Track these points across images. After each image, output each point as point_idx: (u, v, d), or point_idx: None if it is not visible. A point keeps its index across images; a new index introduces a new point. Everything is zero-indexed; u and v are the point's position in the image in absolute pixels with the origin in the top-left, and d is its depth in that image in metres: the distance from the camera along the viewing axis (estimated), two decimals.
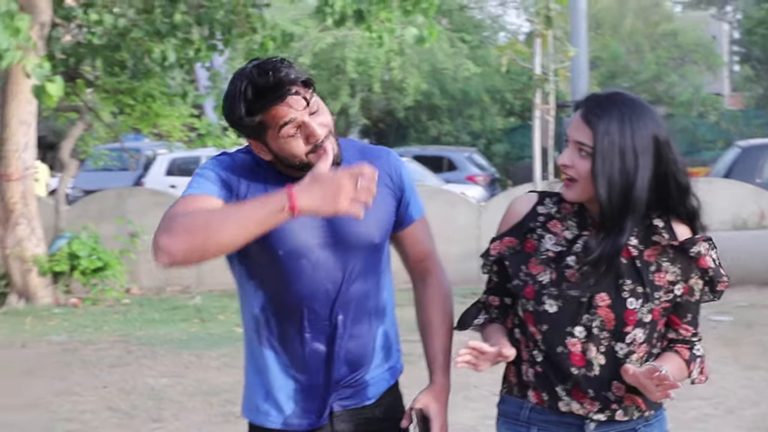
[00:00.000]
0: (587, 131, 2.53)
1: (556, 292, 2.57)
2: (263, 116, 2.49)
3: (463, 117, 27.22)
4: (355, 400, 2.69)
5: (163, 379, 7.95)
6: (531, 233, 2.65)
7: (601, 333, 2.56)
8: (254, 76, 2.49)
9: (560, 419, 2.65)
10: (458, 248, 13.00)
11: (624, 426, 2.65)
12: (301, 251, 2.57)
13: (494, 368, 8.29)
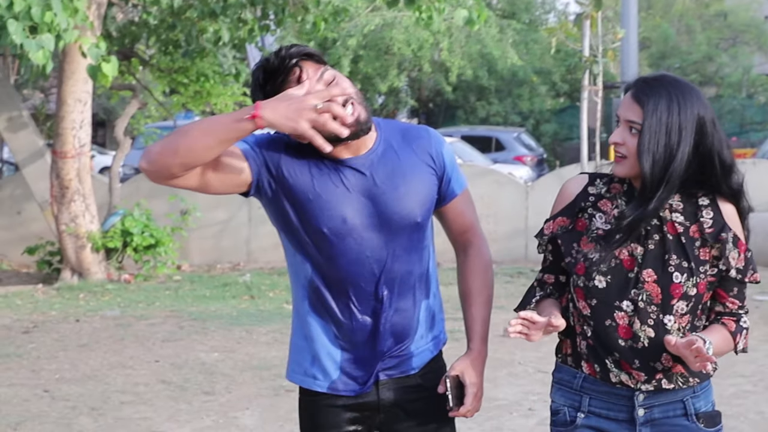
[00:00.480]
0: (637, 110, 2.67)
1: (605, 268, 2.70)
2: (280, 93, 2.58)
3: (512, 97, 27.17)
4: (399, 370, 2.80)
5: (215, 353, 8.14)
6: (582, 212, 2.79)
7: (648, 307, 2.68)
8: (264, 62, 2.66)
9: (611, 390, 2.77)
10: (506, 228, 13.08)
11: (672, 396, 2.77)
12: (346, 230, 2.68)
13: (538, 346, 8.38)
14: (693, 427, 2.78)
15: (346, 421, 2.79)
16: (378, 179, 2.71)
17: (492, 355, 8.23)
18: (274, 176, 2.67)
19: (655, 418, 2.78)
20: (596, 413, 2.81)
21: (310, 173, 2.67)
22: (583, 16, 11.60)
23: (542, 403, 6.58)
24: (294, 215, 2.68)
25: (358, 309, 2.73)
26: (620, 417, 2.79)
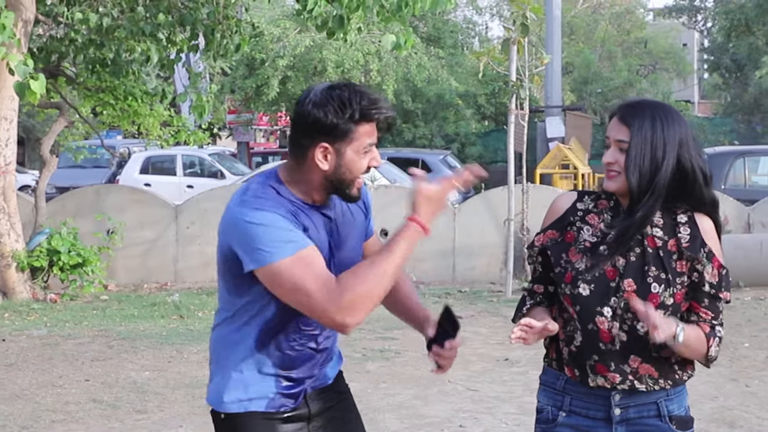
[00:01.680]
0: (625, 130, 2.95)
1: (589, 277, 2.95)
2: (360, 126, 2.80)
3: (438, 120, 27.44)
4: (320, 381, 3.05)
5: (146, 372, 8.12)
6: (571, 226, 3.05)
7: (625, 314, 2.92)
8: (366, 91, 2.83)
9: (590, 391, 3.02)
10: (433, 248, 13.21)
11: (645, 399, 3.00)
12: None
13: (467, 365, 8.49)
14: (665, 428, 3.01)
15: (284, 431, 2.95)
16: (340, 228, 2.96)
17: (422, 373, 8.36)
18: None
19: (630, 418, 3.01)
20: (576, 412, 3.05)
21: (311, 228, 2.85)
22: (510, 41, 11.82)
23: (472, 420, 6.71)
24: None
25: (306, 341, 2.95)
26: (598, 416, 3.02)
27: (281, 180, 2.87)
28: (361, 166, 2.84)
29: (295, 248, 2.72)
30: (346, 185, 2.86)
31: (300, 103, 2.83)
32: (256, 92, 25.36)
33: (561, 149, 19.21)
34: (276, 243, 2.72)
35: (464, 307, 11.15)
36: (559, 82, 23.12)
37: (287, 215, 2.78)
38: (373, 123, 2.82)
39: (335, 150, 2.81)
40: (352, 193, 2.88)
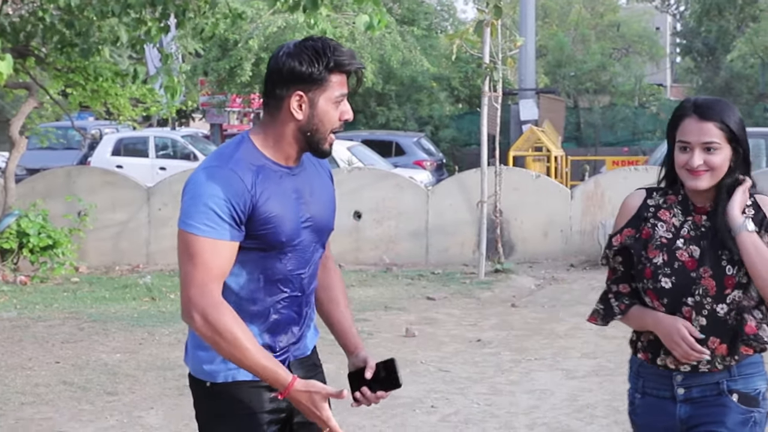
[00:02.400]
0: (712, 128, 3.05)
1: (669, 270, 3.10)
2: (332, 76, 2.85)
3: (412, 102, 27.39)
4: (301, 351, 3.07)
5: (117, 354, 8.07)
6: (645, 222, 3.19)
7: (704, 299, 3.08)
8: (337, 42, 2.90)
9: (657, 372, 3.19)
10: (407, 231, 13.22)
11: (708, 379, 3.14)
12: (293, 239, 2.92)
13: (439, 346, 8.50)
14: (727, 401, 3.14)
15: (268, 399, 2.94)
16: (311, 187, 2.99)
17: (394, 354, 8.35)
18: (252, 215, 2.83)
19: (693, 397, 3.15)
20: (648, 393, 3.24)
21: (273, 191, 2.86)
22: (484, 23, 11.79)
23: (444, 401, 6.72)
24: (259, 231, 2.85)
25: (289, 305, 2.96)
26: (666, 395, 3.19)
27: (251, 140, 2.91)
28: (333, 117, 2.88)
29: (211, 233, 2.77)
30: (319, 137, 2.89)
31: (274, 57, 2.89)
32: (229, 74, 25.20)
33: (534, 132, 19.25)
34: (200, 218, 2.77)
35: (437, 288, 11.16)
36: (532, 65, 23.12)
37: (237, 191, 2.79)
38: (344, 75, 2.88)
39: (309, 99, 2.85)
40: (324, 147, 2.91)
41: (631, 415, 3.33)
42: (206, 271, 2.76)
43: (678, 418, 3.17)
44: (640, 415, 3.28)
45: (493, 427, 6.21)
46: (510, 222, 13.18)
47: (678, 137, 3.09)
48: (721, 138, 3.04)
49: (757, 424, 3.14)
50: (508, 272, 12.03)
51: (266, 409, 2.93)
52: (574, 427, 6.19)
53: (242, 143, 2.90)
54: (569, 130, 27.01)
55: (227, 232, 2.77)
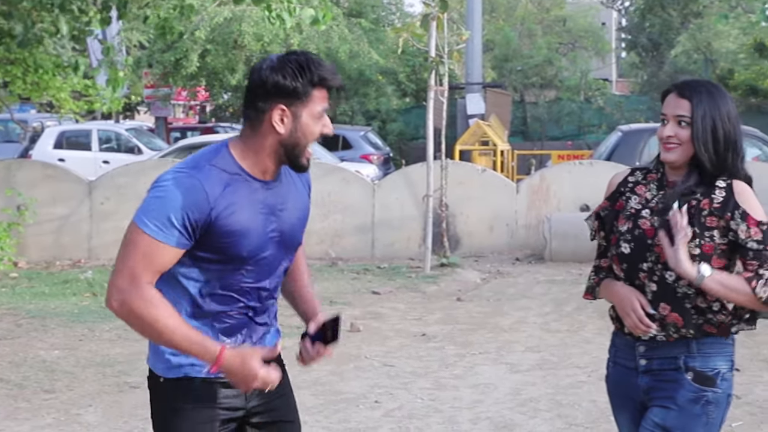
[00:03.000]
0: (686, 104, 3.18)
1: (629, 237, 3.24)
2: (315, 90, 2.88)
3: (359, 96, 27.32)
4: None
5: (55, 351, 7.93)
6: (621, 196, 3.35)
7: (655, 266, 3.19)
8: (320, 58, 2.93)
9: (625, 342, 3.31)
10: (353, 225, 13.16)
11: (668, 352, 3.22)
12: (258, 253, 2.93)
13: (384, 341, 8.41)
14: (680, 378, 3.20)
15: (222, 397, 2.98)
16: (284, 200, 3.00)
17: (339, 349, 8.29)
18: (210, 228, 2.84)
19: (653, 369, 3.24)
20: (619, 363, 3.36)
21: (242, 206, 2.87)
22: (430, 17, 11.75)
23: (388, 396, 6.67)
24: (219, 244, 2.86)
25: (244, 312, 2.98)
26: (630, 365, 3.30)
27: (229, 149, 2.92)
28: (314, 131, 2.91)
29: (164, 237, 2.79)
30: (299, 151, 2.91)
31: (255, 71, 2.90)
32: (174, 66, 24.94)
33: (480, 126, 19.26)
34: (155, 216, 2.79)
35: (383, 282, 11.12)
36: (479, 60, 23.13)
37: (197, 201, 2.80)
38: (326, 90, 2.91)
39: (292, 113, 2.87)
40: (302, 161, 2.93)
41: (606, 383, 3.46)
42: (142, 264, 2.78)
43: (640, 388, 3.27)
44: (611, 383, 3.41)
45: (436, 421, 6.17)
46: (456, 216, 13.17)
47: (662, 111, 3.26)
48: (691, 113, 3.16)
49: (711, 403, 3.19)
50: (453, 266, 12.02)
51: (220, 405, 2.96)
52: (518, 420, 6.18)
53: (219, 152, 2.91)
54: (515, 125, 27.10)
55: (174, 239, 2.80)
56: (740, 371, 7.12)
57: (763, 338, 8.19)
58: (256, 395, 3.03)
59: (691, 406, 3.18)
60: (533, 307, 9.81)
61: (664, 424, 3.20)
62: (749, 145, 16.55)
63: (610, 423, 6.03)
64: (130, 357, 7.64)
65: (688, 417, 3.19)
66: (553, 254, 12.29)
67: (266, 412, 3.07)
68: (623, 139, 15.51)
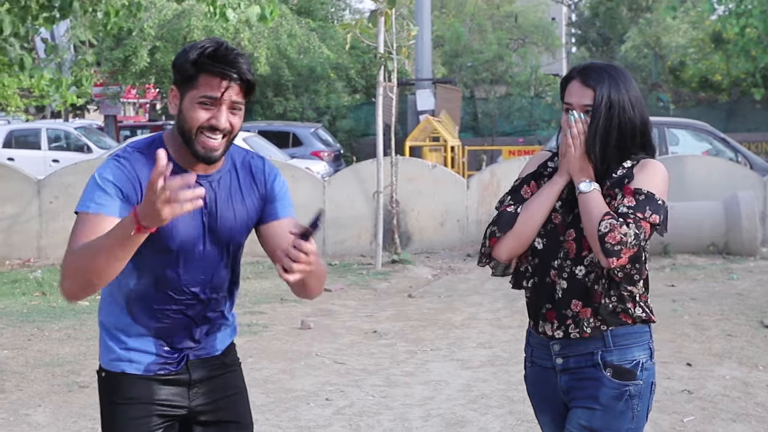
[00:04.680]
0: (590, 93, 3.07)
1: (542, 231, 3.14)
2: (200, 75, 2.81)
3: (309, 93, 27.27)
4: (206, 351, 3.07)
5: (4, 351, 7.86)
6: (539, 179, 3.24)
7: (564, 262, 3.12)
8: (221, 46, 2.83)
9: (541, 341, 3.23)
10: (303, 221, 13.14)
11: (583, 349, 3.14)
12: (187, 249, 2.91)
13: (335, 338, 8.43)
14: (599, 375, 3.11)
15: (160, 394, 2.98)
16: (219, 198, 2.95)
17: (289, 347, 8.33)
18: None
19: (570, 367, 3.15)
20: (537, 363, 3.27)
21: None
22: (378, 12, 11.79)
23: (338, 393, 6.69)
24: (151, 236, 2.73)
25: (181, 310, 2.96)
26: (547, 365, 3.22)
27: (164, 139, 2.92)
28: (195, 116, 2.81)
29: (95, 209, 2.78)
30: (187, 137, 2.84)
31: None
32: (123, 63, 24.76)
33: (431, 122, 19.33)
34: (88, 196, 2.81)
35: (334, 280, 11.14)
36: (429, 55, 23.21)
37: (121, 181, 2.80)
38: (216, 77, 2.80)
39: (180, 94, 2.86)
40: (196, 148, 2.84)
41: (525, 383, 3.36)
42: (83, 237, 2.73)
43: (560, 388, 3.19)
44: (530, 384, 3.32)
45: (387, 419, 6.20)
46: (407, 212, 13.23)
47: (564, 99, 3.14)
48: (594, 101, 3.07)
49: (633, 397, 3.11)
50: (405, 263, 12.07)
51: (157, 401, 2.96)
52: (469, 417, 6.22)
53: (153, 142, 2.92)
54: (466, 120, 27.21)
55: (116, 208, 2.78)
56: (692, 366, 7.25)
57: (713, 332, 8.32)
58: (201, 394, 3.03)
59: (615, 404, 3.10)
60: (485, 303, 9.88)
61: (590, 426, 3.12)
62: (699, 139, 16.80)
63: None
64: (80, 357, 7.60)
65: (613, 415, 3.10)
66: None
67: (212, 412, 3.07)
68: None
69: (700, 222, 12.44)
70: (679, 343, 8.00)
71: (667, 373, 7.03)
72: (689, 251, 12.34)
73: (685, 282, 10.77)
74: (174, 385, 2.99)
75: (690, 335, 8.27)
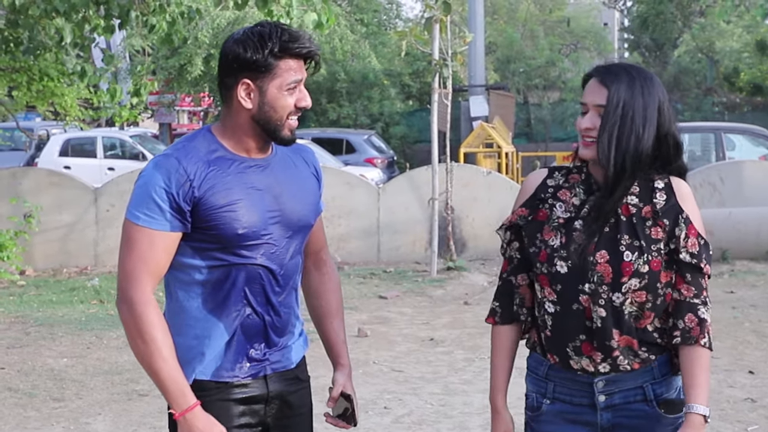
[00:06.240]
0: (605, 92, 2.78)
1: (565, 253, 2.80)
2: (281, 62, 2.74)
3: (362, 99, 27.32)
4: (282, 364, 2.93)
5: (64, 359, 7.93)
6: (543, 203, 2.90)
7: (600, 287, 2.77)
8: (288, 27, 2.77)
9: (573, 377, 2.86)
10: (358, 229, 13.15)
11: (631, 383, 2.83)
12: (256, 232, 2.79)
13: (392, 346, 8.38)
14: (652, 413, 2.84)
15: (238, 414, 2.86)
16: (281, 180, 2.86)
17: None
18: (198, 204, 2.73)
19: (615, 404, 2.84)
20: (561, 399, 2.90)
21: (228, 182, 2.76)
22: (433, 19, 11.76)
23: (397, 401, 6.66)
24: (212, 221, 2.74)
25: (254, 305, 2.83)
26: (583, 402, 2.87)
27: (212, 130, 2.84)
28: (286, 104, 2.77)
29: (145, 222, 2.71)
30: (274, 125, 2.78)
31: (224, 43, 2.80)
32: (179, 72, 24.96)
33: (485, 128, 19.26)
34: (137, 202, 2.74)
35: (389, 287, 11.11)
36: (482, 62, 23.15)
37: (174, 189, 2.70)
38: (296, 59, 2.76)
39: (257, 87, 2.75)
40: (284, 134, 2.79)
41: (532, 422, 2.97)
42: (140, 262, 2.70)
43: (599, 426, 2.86)
44: (547, 422, 2.92)
45: (446, 427, 6.16)
46: (461, 219, 13.16)
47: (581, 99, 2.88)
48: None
49: (681, 425, 2.82)
50: (460, 270, 12.01)
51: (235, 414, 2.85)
52: None
53: (200, 134, 2.83)
54: (519, 126, 27.10)
55: (167, 224, 2.71)
56: (754, 374, 7.13)
57: None
58: (276, 409, 2.93)
59: None
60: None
61: None
62: (756, 144, 16.56)
63: None
64: (137, 365, 7.61)
65: None
66: None
67: (281, 428, 2.96)
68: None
69: (758, 227, 12.27)
70: (740, 350, 7.88)
71: (729, 381, 6.92)
72: (748, 257, 12.18)
73: (744, 288, 10.62)
74: (249, 404, 2.88)
75: (752, 342, 8.14)
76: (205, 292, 2.80)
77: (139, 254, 2.70)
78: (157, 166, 2.73)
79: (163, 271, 2.75)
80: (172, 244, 2.74)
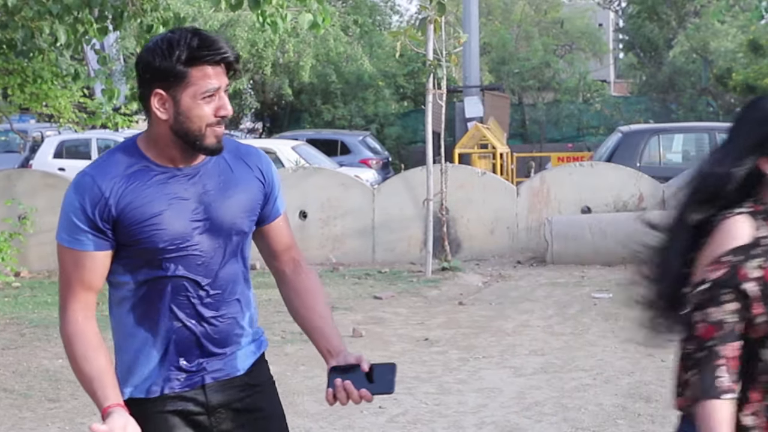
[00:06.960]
0: None
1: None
2: (194, 69, 2.61)
3: (357, 100, 27.32)
4: (225, 372, 2.84)
5: (59, 360, 7.92)
6: (757, 255, 2.32)
7: None
8: (201, 33, 2.64)
9: None
10: (353, 230, 13.16)
11: None
12: (179, 244, 2.71)
13: (386, 346, 8.35)
14: None
15: (177, 425, 2.79)
16: (211, 187, 2.76)
17: None
18: (118, 221, 2.68)
19: None
20: None
21: (148, 195, 2.69)
22: (427, 20, 11.77)
23: (392, 401, 6.67)
24: (134, 237, 2.69)
25: (181, 318, 2.76)
26: None
27: (136, 141, 2.74)
28: (203, 114, 2.63)
29: (69, 243, 2.69)
30: (193, 136, 2.65)
31: (139, 53, 2.69)
32: None
33: (479, 129, 19.28)
34: (62, 224, 2.70)
35: (384, 287, 11.12)
36: (477, 62, 23.17)
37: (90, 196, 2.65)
38: (213, 66, 2.63)
39: (171, 96, 2.63)
40: (206, 143, 2.67)
41: None
42: (67, 285, 2.71)
43: None
44: None
45: (441, 426, 6.17)
46: (456, 220, 13.18)
47: None
48: None
49: None
50: (455, 270, 12.02)
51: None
52: (523, 425, 6.17)
53: (122, 147, 2.74)
54: (514, 127, 27.13)
55: (90, 243, 2.67)
56: None
57: None
58: (224, 420, 2.82)
59: None
60: (536, 310, 9.81)
61: None
62: None
63: (616, 426, 6.06)
64: None
65: None
66: (555, 257, 12.28)
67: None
68: (623, 140, 15.53)
69: None
70: None
71: None
72: None
73: None
74: (187, 416, 2.79)
75: None
76: (136, 308, 2.76)
77: (66, 275, 2.71)
78: (75, 186, 2.69)
79: (95, 288, 2.73)
80: (101, 263, 2.70)
